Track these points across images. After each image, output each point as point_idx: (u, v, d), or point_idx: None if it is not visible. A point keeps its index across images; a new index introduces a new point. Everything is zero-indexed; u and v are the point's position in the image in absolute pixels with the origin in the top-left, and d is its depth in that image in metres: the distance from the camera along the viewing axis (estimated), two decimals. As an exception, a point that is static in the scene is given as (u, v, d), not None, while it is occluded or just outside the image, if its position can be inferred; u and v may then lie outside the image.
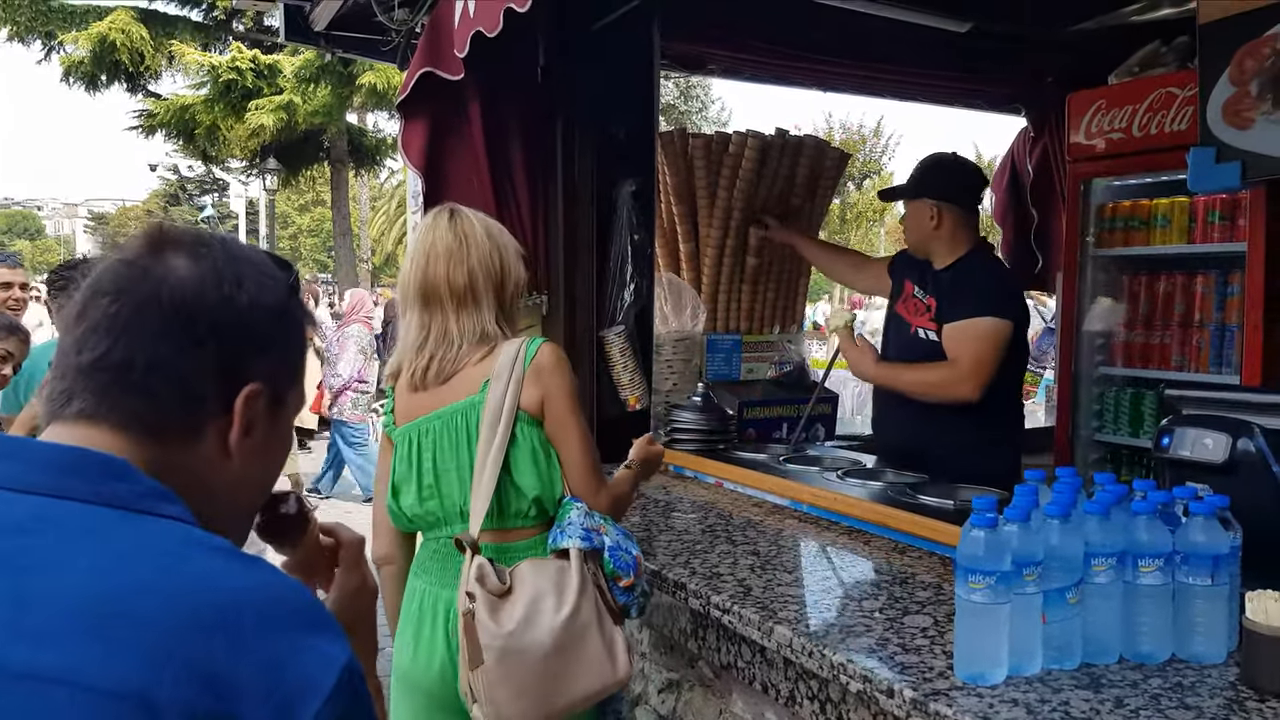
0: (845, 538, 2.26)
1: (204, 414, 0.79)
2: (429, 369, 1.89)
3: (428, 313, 1.89)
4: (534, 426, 1.87)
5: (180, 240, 0.81)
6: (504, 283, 1.90)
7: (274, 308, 0.83)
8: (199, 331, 0.77)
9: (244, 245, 0.86)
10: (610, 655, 1.77)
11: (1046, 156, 4.74)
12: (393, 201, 35.36)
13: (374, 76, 15.47)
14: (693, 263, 3.69)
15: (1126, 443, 3.52)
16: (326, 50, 3.71)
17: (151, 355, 0.76)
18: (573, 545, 1.78)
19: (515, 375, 1.83)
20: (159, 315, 0.76)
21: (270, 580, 0.72)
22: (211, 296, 0.78)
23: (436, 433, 1.89)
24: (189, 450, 0.78)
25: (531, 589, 1.75)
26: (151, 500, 0.73)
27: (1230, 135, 2.56)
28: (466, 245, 1.87)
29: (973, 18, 3.70)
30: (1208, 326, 3.30)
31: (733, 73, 4.16)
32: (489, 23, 2.60)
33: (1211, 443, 1.70)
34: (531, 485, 1.85)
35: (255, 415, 0.81)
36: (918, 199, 2.84)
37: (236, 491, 0.84)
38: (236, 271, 0.80)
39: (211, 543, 0.73)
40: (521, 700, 1.70)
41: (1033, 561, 1.44)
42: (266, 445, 0.84)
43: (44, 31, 16.53)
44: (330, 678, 0.68)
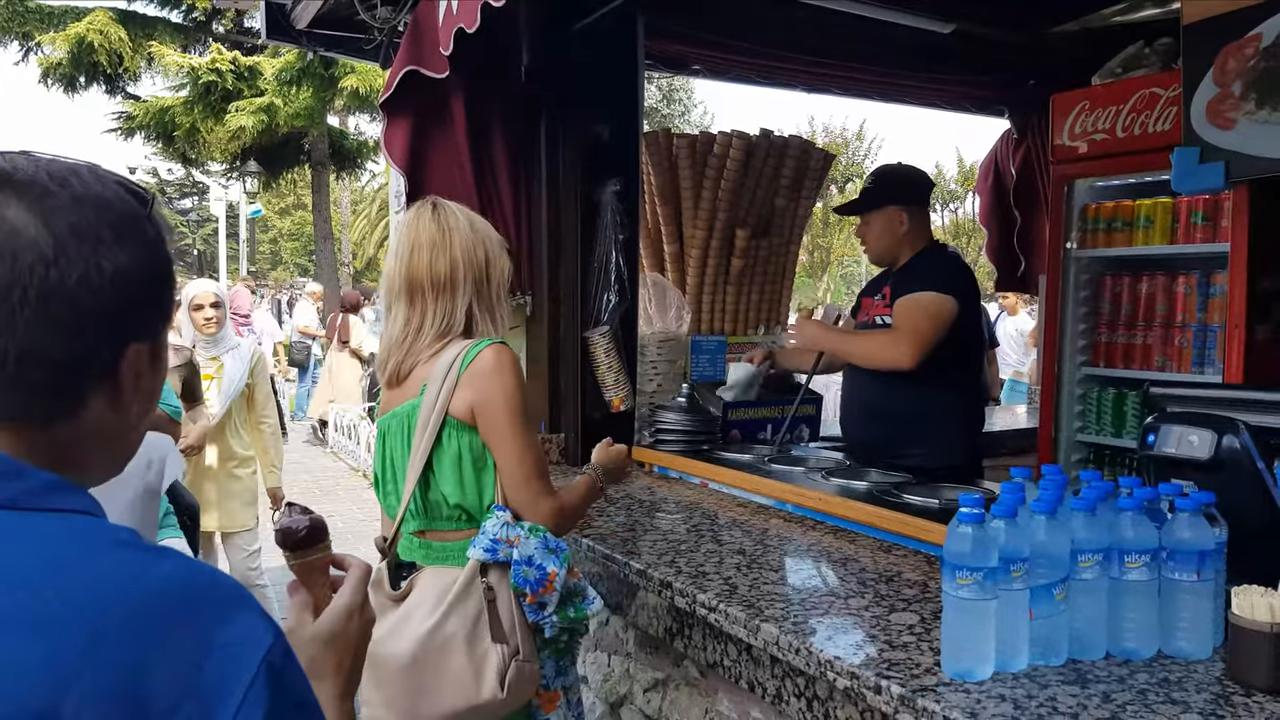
0: (831, 537, 2.26)
1: (87, 388, 0.73)
2: (402, 365, 1.88)
3: (412, 307, 1.86)
4: (463, 432, 1.80)
5: (16, 184, 0.71)
6: (488, 274, 1.87)
7: (142, 259, 0.75)
8: (70, 314, 0.70)
9: (88, 177, 0.75)
10: (476, 675, 1.70)
11: (1029, 158, 4.77)
12: (374, 205, 35.24)
13: (356, 79, 15.40)
14: (677, 263, 3.69)
15: (1109, 443, 3.54)
16: (308, 49, 3.68)
17: (22, 345, 0.69)
18: (473, 555, 1.75)
19: (449, 379, 1.78)
20: (22, 303, 0.68)
21: (179, 571, 0.68)
22: (76, 269, 0.70)
23: (392, 431, 1.89)
24: (75, 421, 0.73)
25: (415, 598, 1.75)
26: (46, 495, 0.69)
27: (1214, 135, 2.57)
28: (449, 236, 1.85)
29: (957, 19, 3.71)
30: (1190, 327, 3.32)
31: (717, 73, 4.16)
32: (467, 19, 2.60)
33: (1197, 439, 1.70)
34: (453, 493, 1.81)
35: (139, 371, 0.76)
36: (885, 207, 2.92)
37: (127, 436, 0.80)
38: (95, 224, 0.72)
39: (115, 535, 0.69)
40: (390, 707, 1.71)
41: (1020, 558, 1.43)
42: (151, 387, 0.79)
43: (21, 32, 16.35)
44: (248, 670, 0.64)
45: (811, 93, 4.51)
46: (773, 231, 3.75)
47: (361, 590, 1.00)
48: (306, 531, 1.02)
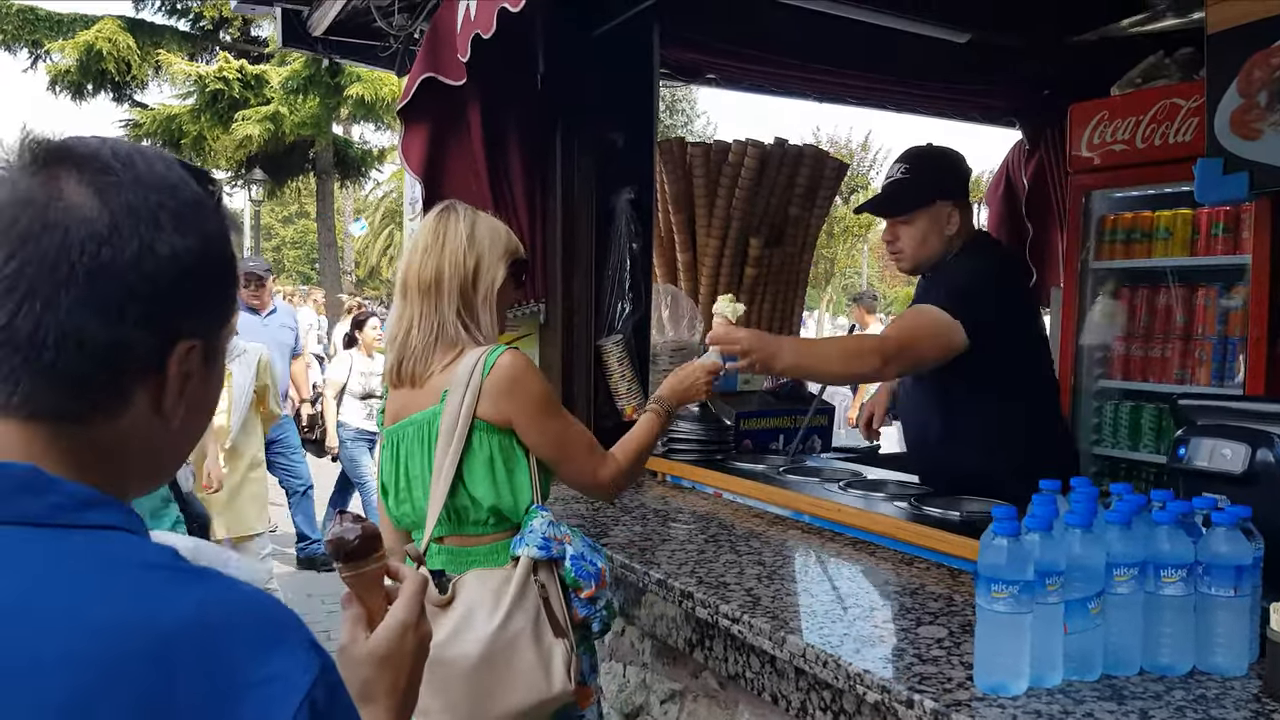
0: (851, 549, 2.23)
1: (130, 382, 0.68)
2: (400, 366, 1.88)
3: (405, 305, 1.88)
4: (493, 434, 1.81)
5: (77, 159, 0.67)
6: (474, 282, 1.85)
7: (201, 248, 0.70)
8: (119, 296, 0.65)
9: (154, 158, 0.71)
10: (546, 669, 1.73)
11: (1042, 169, 4.75)
12: (377, 213, 35.31)
13: (362, 88, 15.43)
14: (690, 272, 3.67)
15: (1126, 456, 3.51)
16: (324, 56, 3.68)
17: (64, 327, 0.64)
18: (525, 553, 1.76)
19: (473, 385, 1.78)
20: (70, 279, 0.64)
21: (213, 597, 0.62)
22: (130, 248, 0.66)
23: (409, 439, 1.88)
24: (116, 421, 0.68)
25: (468, 600, 1.74)
26: (75, 511, 0.63)
27: (1238, 146, 2.55)
28: (441, 241, 1.85)
29: (972, 29, 3.70)
30: (1210, 339, 3.29)
31: (731, 82, 4.15)
32: (484, 24, 2.58)
33: (1230, 453, 1.68)
34: (486, 495, 1.81)
35: (190, 370, 0.71)
36: (932, 204, 2.38)
37: (173, 447, 0.75)
38: (154, 206, 0.68)
39: (145, 556, 0.64)
40: (453, 712, 1.69)
41: (1055, 571, 1.41)
42: (203, 396, 0.75)
43: (30, 40, 16.41)
44: (287, 711, 0.59)
45: (824, 102, 4.51)
46: (786, 240, 3.74)
47: (418, 604, 0.95)
48: (359, 541, 0.96)
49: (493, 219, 1.95)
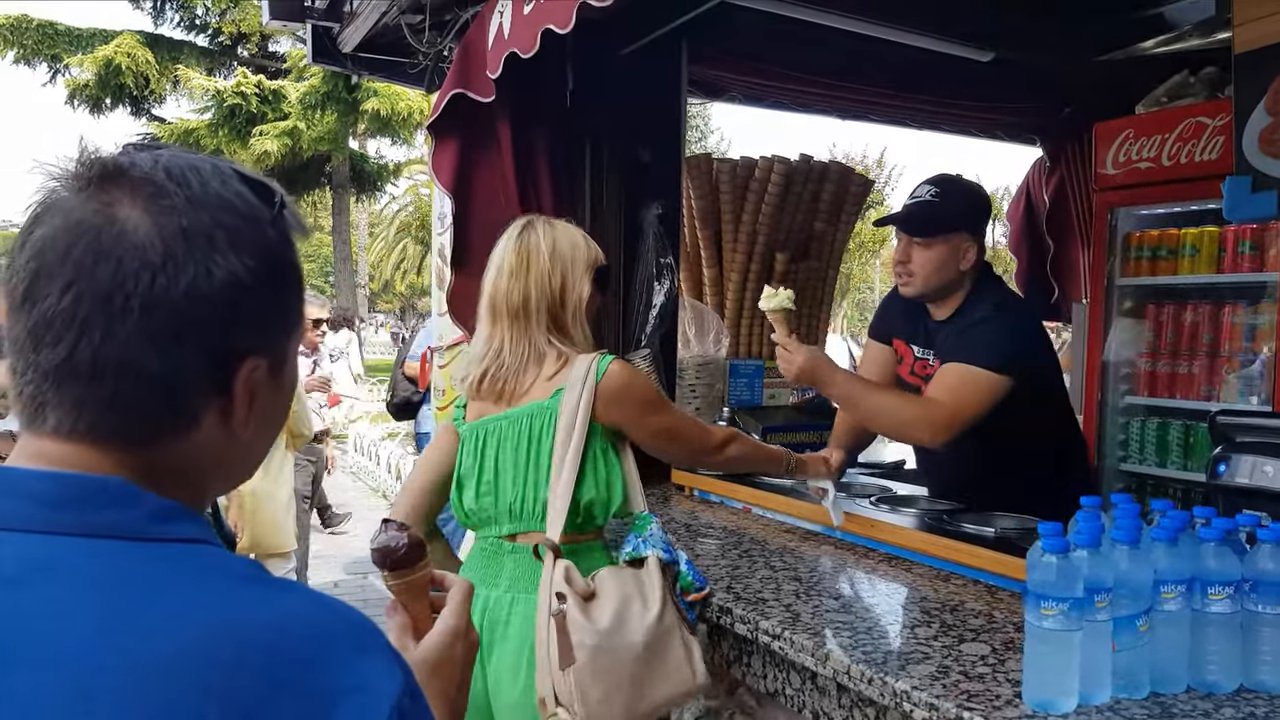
0: (886, 565, 2.23)
1: (196, 405, 0.68)
2: (483, 381, 1.93)
3: (494, 327, 1.93)
4: (601, 436, 1.90)
5: (132, 181, 0.66)
6: (562, 302, 1.91)
7: (259, 266, 0.68)
8: (176, 324, 0.64)
9: (210, 174, 0.69)
10: (690, 662, 1.80)
11: (1063, 186, 4.77)
12: (391, 227, 35.47)
13: (378, 103, 15.56)
14: (716, 287, 3.69)
15: (1152, 472, 3.50)
16: (353, 72, 3.72)
17: (122, 358, 0.64)
18: (654, 554, 1.85)
19: (588, 386, 1.86)
20: (125, 311, 0.63)
21: (300, 608, 0.64)
22: (185, 276, 0.64)
23: (503, 432, 1.92)
24: (186, 442, 0.68)
25: (618, 592, 1.78)
26: (159, 523, 0.64)
27: (1266, 164, 2.56)
28: (526, 263, 1.90)
29: (996, 48, 3.72)
30: (1237, 356, 3.29)
31: (754, 99, 4.18)
32: (525, 44, 2.60)
33: (1272, 470, 1.68)
34: (588, 490, 1.87)
35: (257, 386, 0.70)
36: (954, 234, 2.35)
37: (244, 458, 0.75)
38: (209, 227, 0.66)
39: (232, 568, 0.65)
40: (610, 702, 1.71)
41: (1104, 588, 1.41)
42: (272, 407, 0.74)
43: (50, 54, 16.60)
44: (379, 718, 0.60)
45: (846, 119, 4.53)
46: (811, 255, 3.75)
47: (465, 612, 0.95)
48: (406, 550, 0.96)
49: (571, 229, 1.99)
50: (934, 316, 2.48)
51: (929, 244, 2.36)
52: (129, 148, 0.70)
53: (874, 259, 28.50)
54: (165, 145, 0.71)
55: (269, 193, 0.72)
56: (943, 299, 2.43)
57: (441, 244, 3.28)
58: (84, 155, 0.68)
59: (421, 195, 32.29)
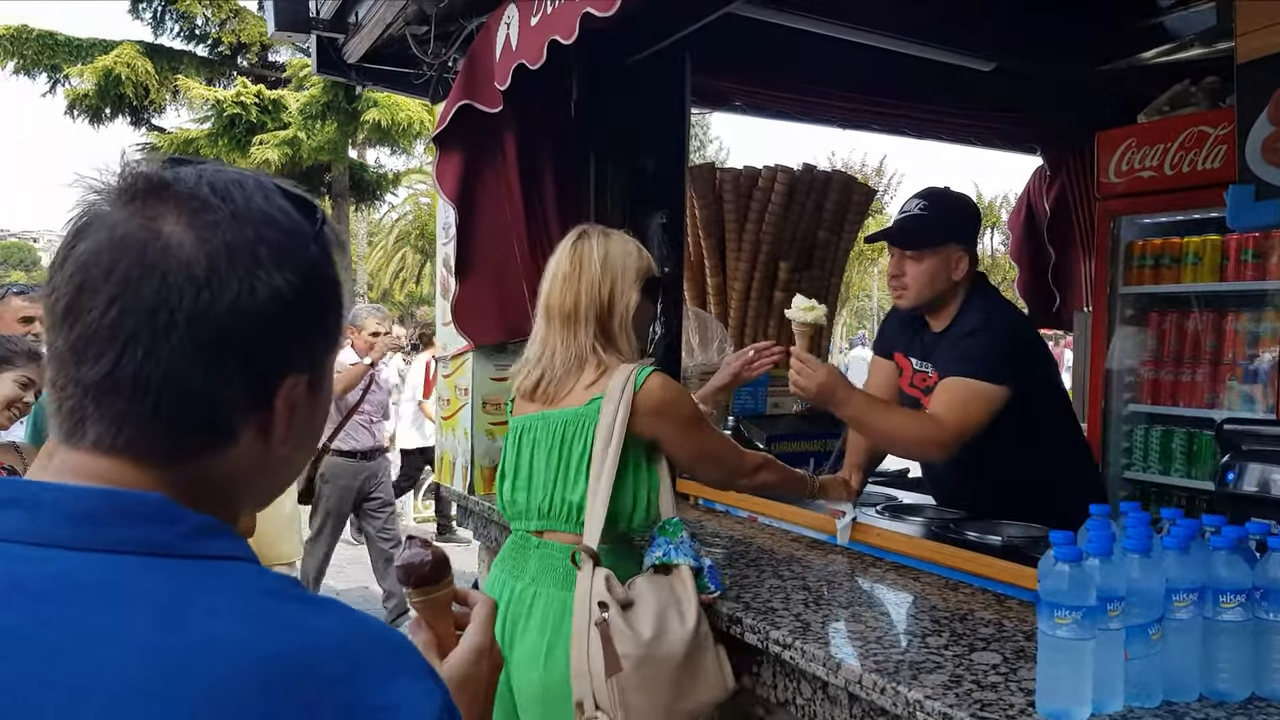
0: (894, 574, 2.23)
1: (236, 421, 0.68)
2: (538, 385, 2.00)
3: (548, 330, 2.00)
4: (636, 446, 1.94)
5: (176, 195, 0.66)
6: (610, 310, 1.96)
7: (301, 283, 0.68)
8: (220, 340, 0.64)
9: (253, 189, 0.69)
10: (722, 670, 1.87)
11: (1064, 195, 4.78)
12: (390, 236, 35.46)
13: (378, 113, 15.55)
14: (720, 296, 3.69)
15: (1156, 480, 3.51)
16: (358, 83, 3.73)
17: (166, 372, 0.63)
18: (685, 563, 1.90)
19: (625, 398, 1.90)
20: (169, 326, 0.63)
21: (334, 625, 0.63)
22: (229, 292, 0.64)
23: (538, 433, 2.00)
24: (224, 458, 0.68)
25: (655, 602, 1.84)
26: (200, 540, 0.64)
27: (1270, 173, 2.56)
28: (578, 269, 1.96)
29: (998, 58, 3.74)
30: (1240, 364, 3.30)
31: (757, 109, 4.19)
32: (532, 55, 2.61)
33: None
34: (624, 498, 1.93)
35: (296, 402, 0.70)
36: (945, 246, 2.38)
37: (280, 474, 0.75)
38: (253, 242, 0.66)
39: (273, 586, 0.65)
40: (651, 709, 1.78)
41: (1116, 597, 1.41)
42: (309, 424, 0.73)
43: (50, 65, 16.60)
44: None
45: (848, 128, 4.54)
46: (814, 264, 3.77)
47: (490, 629, 0.95)
48: (431, 567, 0.96)
49: (625, 239, 2.03)
50: (932, 328, 2.50)
51: (920, 257, 2.39)
52: (169, 162, 0.69)
53: (872, 267, 28.54)
54: (205, 160, 0.71)
55: (311, 208, 0.72)
56: (938, 310, 2.46)
57: (446, 254, 3.28)
58: (126, 170, 0.68)
59: (421, 204, 32.31)
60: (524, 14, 2.64)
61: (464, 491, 3.31)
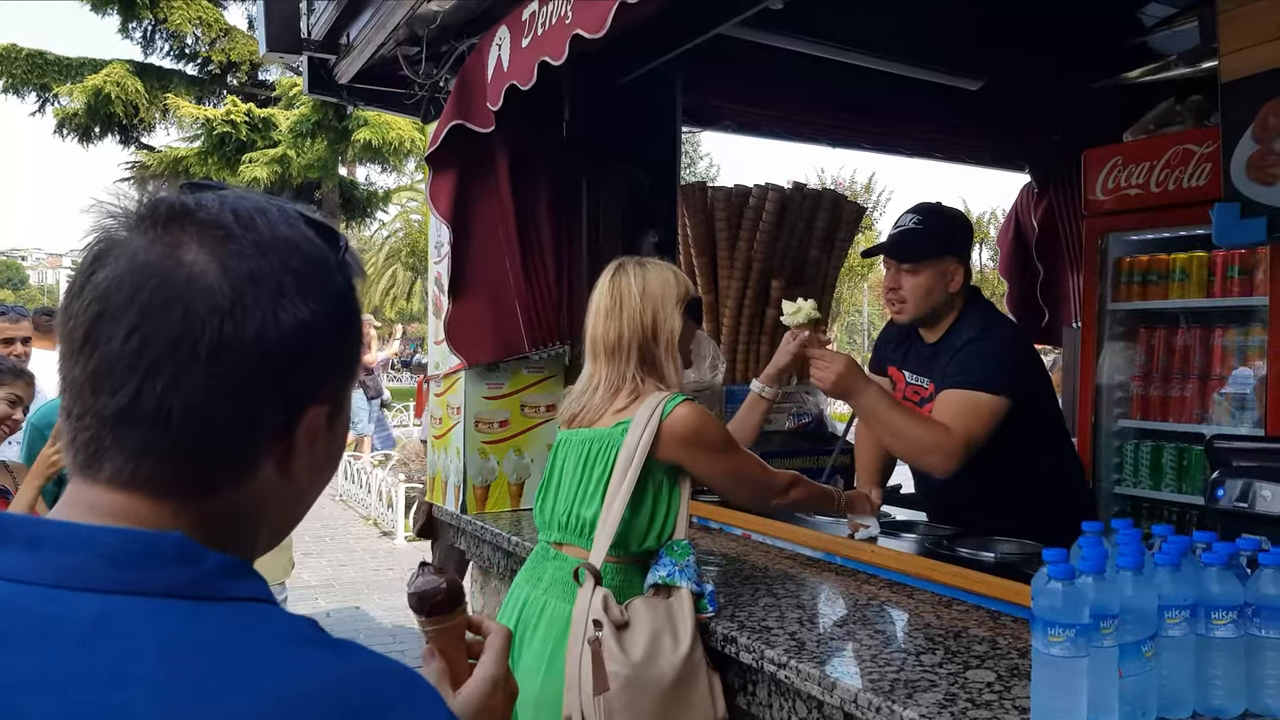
0: (888, 591, 2.24)
1: (259, 454, 0.66)
2: (578, 416, 2.08)
3: (594, 364, 2.07)
4: (658, 471, 1.99)
5: (198, 223, 0.64)
6: (655, 336, 2.02)
7: (325, 311, 0.67)
8: (243, 371, 0.63)
9: (277, 218, 0.67)
10: (713, 697, 1.88)
11: (1052, 212, 4.82)
12: (381, 253, 35.45)
13: (369, 132, 15.58)
14: (712, 314, 3.71)
15: (1147, 495, 3.53)
16: (349, 103, 3.74)
17: (188, 404, 0.62)
18: (686, 587, 1.92)
19: (650, 426, 1.94)
20: (192, 357, 0.61)
21: (363, 670, 0.62)
22: (253, 322, 0.63)
23: (569, 449, 2.08)
24: (242, 490, 0.66)
25: (650, 624, 1.86)
26: (221, 581, 0.62)
27: (1255, 191, 2.60)
28: (620, 303, 2.02)
29: (985, 76, 3.77)
30: (1227, 379, 3.33)
31: (747, 128, 4.22)
32: (523, 76, 2.63)
33: (1270, 494, 1.70)
34: (640, 520, 1.98)
35: (315, 434, 0.68)
36: (941, 259, 2.43)
37: (297, 506, 0.73)
38: (278, 272, 0.64)
39: (295, 630, 0.63)
40: None
41: (1110, 614, 1.42)
42: (328, 453, 0.72)
43: (39, 84, 16.60)
44: None
45: (837, 147, 4.58)
46: (806, 281, 3.78)
47: (505, 659, 0.93)
48: (445, 595, 0.94)
49: (661, 266, 2.09)
50: (925, 340, 2.55)
51: (917, 270, 2.44)
52: (188, 187, 0.68)
53: (862, 283, 28.64)
54: (224, 185, 0.69)
55: (334, 236, 0.71)
56: (934, 323, 2.51)
57: (438, 273, 3.29)
58: (147, 195, 0.66)
59: (411, 222, 32.32)
60: (515, 35, 2.66)
61: (456, 511, 3.30)
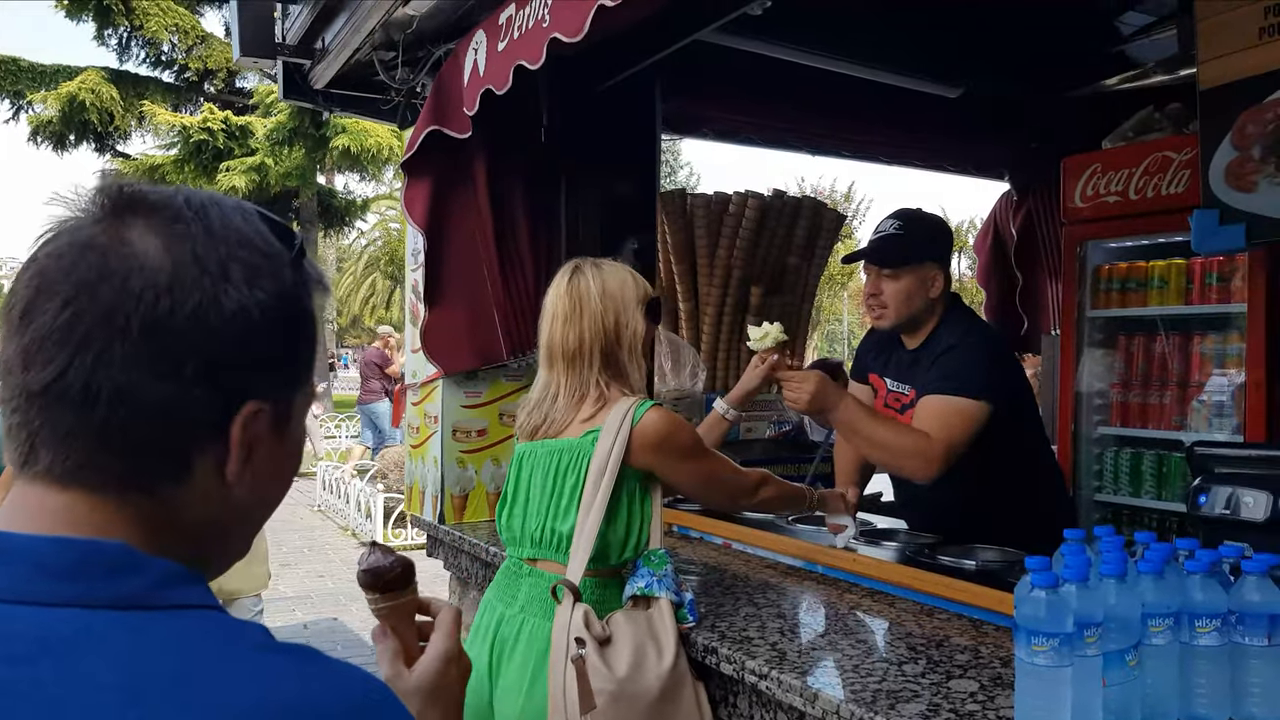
0: (869, 600, 2.22)
1: (191, 445, 0.64)
2: (540, 429, 1.99)
3: (550, 372, 1.98)
4: (631, 480, 1.92)
5: (149, 207, 0.64)
6: (617, 339, 1.95)
7: (273, 303, 0.66)
8: (178, 351, 0.61)
9: (231, 209, 0.67)
10: (700, 708, 1.85)
11: (1030, 219, 4.84)
12: (360, 262, 35.32)
13: (347, 139, 15.51)
14: (692, 321, 3.69)
15: (1127, 502, 3.53)
16: (324, 109, 3.70)
17: (117, 383, 0.60)
18: (666, 597, 1.87)
19: (622, 434, 1.88)
20: (125, 331, 0.60)
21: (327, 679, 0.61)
22: (191, 300, 0.61)
23: (536, 461, 1.99)
24: (180, 492, 0.64)
25: (632, 638, 1.82)
26: (166, 590, 0.60)
27: (1233, 198, 2.61)
28: (579, 307, 1.94)
29: (964, 84, 3.78)
30: (1206, 386, 3.33)
31: (726, 135, 4.21)
32: (499, 80, 2.60)
33: (1252, 501, 1.69)
34: (615, 532, 1.91)
35: (257, 437, 0.66)
36: (922, 264, 2.41)
37: (241, 521, 0.70)
38: (223, 258, 0.63)
39: (249, 636, 0.62)
40: None
41: (1093, 623, 1.40)
42: (274, 465, 0.70)
43: (13, 91, 16.43)
44: None
45: (817, 155, 4.58)
46: (786, 289, 3.77)
47: (456, 635, 0.92)
48: (399, 572, 0.93)
49: (618, 267, 2.02)
50: (906, 346, 2.53)
51: (897, 275, 2.41)
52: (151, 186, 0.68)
53: (842, 291, 28.73)
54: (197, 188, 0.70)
55: (290, 236, 0.70)
56: (915, 329, 2.49)
57: (415, 280, 3.25)
58: (102, 185, 0.66)
59: (390, 230, 32.22)
60: (492, 40, 2.63)
61: (434, 521, 3.26)
